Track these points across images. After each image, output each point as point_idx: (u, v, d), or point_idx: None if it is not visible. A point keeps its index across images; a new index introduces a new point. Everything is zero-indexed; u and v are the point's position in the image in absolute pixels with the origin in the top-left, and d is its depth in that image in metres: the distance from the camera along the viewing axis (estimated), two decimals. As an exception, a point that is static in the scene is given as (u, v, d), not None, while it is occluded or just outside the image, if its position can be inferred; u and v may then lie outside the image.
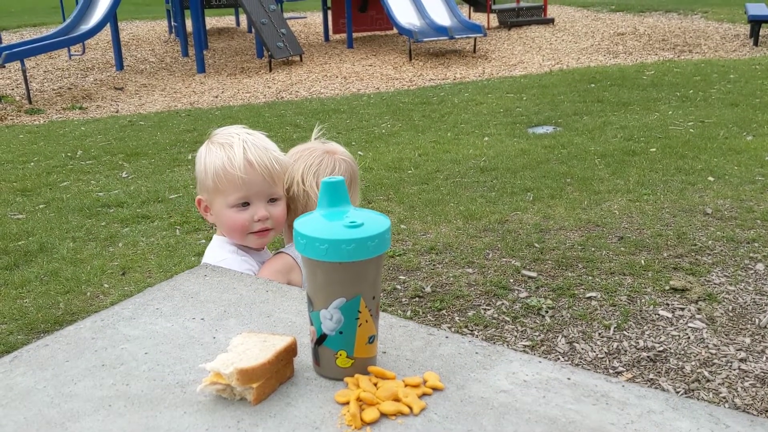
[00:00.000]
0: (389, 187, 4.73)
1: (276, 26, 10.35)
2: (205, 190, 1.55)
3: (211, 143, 1.56)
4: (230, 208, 1.52)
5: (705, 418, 0.81)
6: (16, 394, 0.89)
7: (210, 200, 1.56)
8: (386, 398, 0.84)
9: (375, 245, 0.86)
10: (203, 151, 1.56)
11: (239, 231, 1.54)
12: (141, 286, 3.43)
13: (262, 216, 1.52)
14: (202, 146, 1.59)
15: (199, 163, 1.56)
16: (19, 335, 3.02)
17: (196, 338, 1.01)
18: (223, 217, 1.55)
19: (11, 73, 10.22)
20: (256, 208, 1.52)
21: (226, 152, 1.50)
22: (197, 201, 1.61)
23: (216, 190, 1.52)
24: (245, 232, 1.54)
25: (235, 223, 1.53)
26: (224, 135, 1.56)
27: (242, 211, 1.52)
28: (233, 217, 1.53)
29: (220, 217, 1.56)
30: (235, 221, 1.53)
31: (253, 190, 1.51)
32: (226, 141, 1.53)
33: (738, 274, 3.31)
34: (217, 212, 1.55)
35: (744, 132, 5.64)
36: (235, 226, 1.54)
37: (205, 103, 8.32)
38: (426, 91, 8.23)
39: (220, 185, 1.51)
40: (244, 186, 1.50)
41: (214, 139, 1.57)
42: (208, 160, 1.53)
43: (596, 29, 12.45)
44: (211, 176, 1.51)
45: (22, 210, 4.64)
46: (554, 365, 0.92)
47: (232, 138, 1.53)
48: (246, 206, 1.52)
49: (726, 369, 2.60)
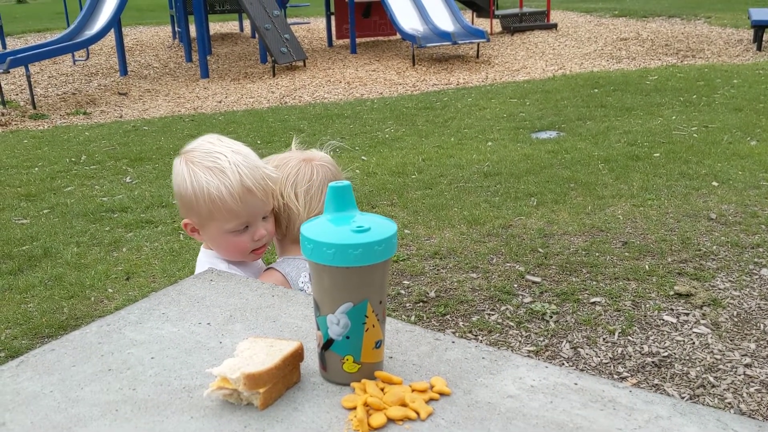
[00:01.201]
0: (393, 192, 4.73)
1: (279, 31, 10.37)
2: (195, 214, 1.47)
3: (193, 164, 1.45)
4: (229, 233, 1.47)
5: (713, 423, 0.80)
6: (22, 398, 0.89)
7: (201, 224, 1.49)
8: (393, 403, 0.84)
9: (382, 250, 0.86)
10: (185, 173, 1.45)
11: (240, 253, 1.51)
12: (145, 291, 3.43)
13: (261, 235, 1.49)
14: (178, 164, 1.48)
15: (182, 186, 1.45)
16: (24, 340, 3.02)
17: (203, 343, 1.01)
18: (220, 241, 1.50)
19: (16, 79, 10.26)
20: (255, 229, 1.49)
21: (219, 179, 1.41)
22: (184, 224, 1.52)
23: (210, 218, 1.45)
24: (246, 253, 1.51)
25: (237, 247, 1.50)
26: (207, 155, 1.45)
27: (241, 234, 1.48)
28: (233, 241, 1.48)
29: (216, 240, 1.51)
30: (236, 245, 1.49)
31: (251, 215, 1.47)
32: (215, 165, 1.43)
33: (743, 279, 3.30)
34: (212, 236, 1.50)
35: (748, 137, 5.63)
36: (237, 249, 1.50)
37: (208, 108, 8.34)
38: (429, 96, 8.24)
39: (216, 213, 1.44)
40: (245, 213, 1.45)
41: (194, 158, 1.46)
42: (196, 185, 1.43)
43: (599, 34, 12.45)
44: (204, 204, 1.43)
45: (26, 215, 4.65)
46: (561, 370, 0.92)
47: (219, 160, 1.43)
48: (245, 229, 1.48)
49: (731, 374, 2.59)
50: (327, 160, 1.63)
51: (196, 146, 1.50)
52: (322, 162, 1.60)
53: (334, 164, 1.64)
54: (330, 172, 1.60)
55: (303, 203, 1.55)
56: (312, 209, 1.56)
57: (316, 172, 1.57)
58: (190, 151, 1.49)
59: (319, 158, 1.61)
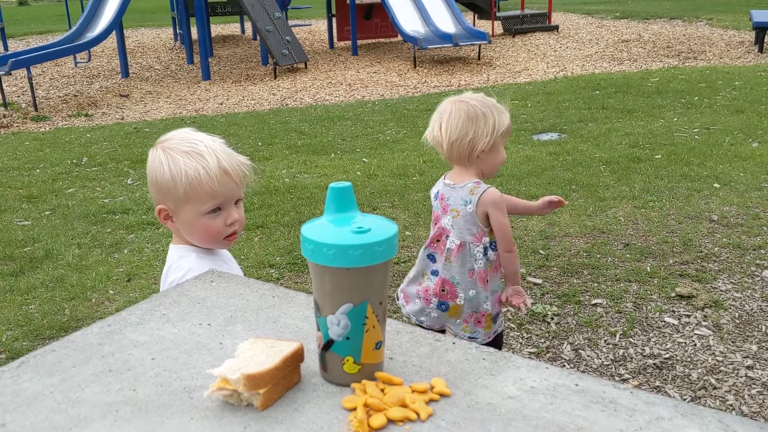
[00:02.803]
0: (394, 194, 4.73)
1: (281, 34, 10.38)
2: (171, 199, 1.53)
3: (171, 150, 1.51)
4: (203, 216, 1.53)
5: (714, 425, 0.80)
6: (23, 399, 0.89)
7: (176, 209, 1.54)
8: (393, 404, 0.84)
9: (382, 251, 0.86)
10: (162, 158, 1.51)
11: (214, 237, 1.56)
12: (146, 293, 3.43)
13: (234, 219, 1.55)
14: (154, 152, 1.54)
15: (160, 171, 1.51)
16: (25, 341, 3.02)
17: (203, 344, 1.01)
18: (195, 225, 1.55)
19: (17, 81, 10.27)
20: (228, 213, 1.54)
21: (197, 162, 1.48)
22: (158, 210, 1.57)
23: (187, 200, 1.51)
24: (219, 238, 1.56)
25: (211, 230, 1.54)
26: (184, 142, 1.52)
27: (215, 217, 1.53)
28: (207, 224, 1.53)
29: (191, 225, 1.55)
30: (211, 228, 1.54)
31: (227, 196, 1.53)
32: (192, 149, 1.50)
33: (744, 281, 3.30)
34: (188, 220, 1.54)
35: (749, 139, 5.63)
36: (211, 233, 1.55)
37: (210, 110, 8.35)
38: (430, 98, 8.24)
39: (193, 195, 1.50)
40: (221, 194, 1.51)
41: (171, 145, 1.52)
42: (174, 168, 1.49)
43: (600, 36, 12.46)
44: (182, 186, 1.49)
45: (27, 216, 4.66)
46: (562, 371, 0.92)
47: (197, 145, 1.51)
48: (217, 212, 1.53)
49: (733, 376, 2.58)
50: (474, 97, 2.20)
51: (172, 136, 1.56)
52: (465, 99, 2.19)
53: (482, 101, 2.19)
54: (469, 108, 2.16)
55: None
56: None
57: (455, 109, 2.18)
58: (166, 140, 1.55)
59: (467, 97, 2.19)
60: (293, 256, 3.77)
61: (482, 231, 2.17)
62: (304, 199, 4.71)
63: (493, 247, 2.20)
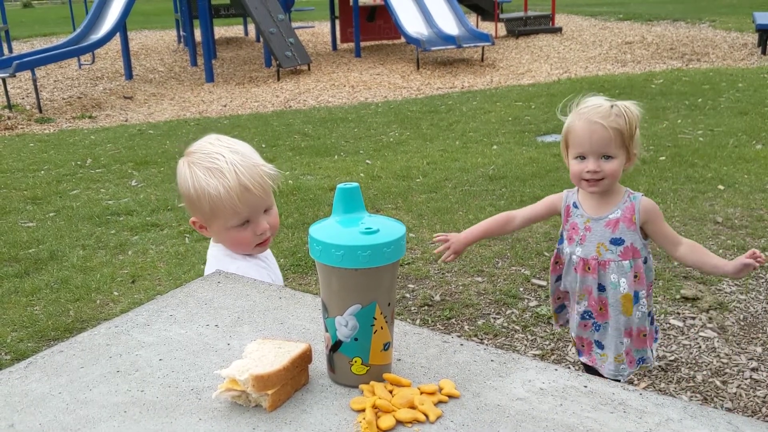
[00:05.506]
0: (398, 196, 4.73)
1: (284, 36, 10.39)
2: (200, 213, 1.54)
3: (194, 165, 1.50)
4: (232, 229, 1.53)
5: (723, 426, 0.80)
6: (31, 400, 0.89)
7: (206, 221, 1.56)
8: (402, 406, 0.84)
9: (390, 252, 0.86)
10: (187, 174, 1.51)
11: (245, 247, 1.57)
12: (151, 294, 3.44)
13: (264, 229, 1.55)
14: (181, 164, 1.53)
15: (185, 186, 1.52)
16: (30, 343, 3.02)
17: (211, 345, 1.01)
18: (224, 237, 1.56)
19: (22, 83, 10.29)
20: (257, 224, 1.54)
21: (218, 180, 1.47)
22: (192, 222, 1.59)
23: (213, 215, 1.52)
24: (251, 247, 1.57)
25: (241, 241, 1.55)
26: (207, 156, 1.51)
27: (244, 230, 1.54)
28: (236, 236, 1.54)
29: (221, 237, 1.57)
30: (241, 240, 1.55)
31: (251, 211, 1.52)
32: (213, 165, 1.48)
33: (749, 283, 3.29)
34: (218, 232, 1.56)
35: (753, 140, 5.62)
36: (241, 244, 1.56)
37: (213, 112, 8.36)
38: (434, 99, 8.24)
39: (217, 212, 1.50)
40: (243, 209, 1.50)
41: (195, 159, 1.51)
42: (198, 185, 1.49)
43: (604, 38, 12.45)
44: (206, 203, 1.49)
45: (32, 218, 4.66)
46: (570, 373, 0.92)
47: (218, 161, 1.48)
48: (246, 224, 1.53)
49: (738, 378, 2.58)
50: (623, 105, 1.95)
51: (198, 147, 1.55)
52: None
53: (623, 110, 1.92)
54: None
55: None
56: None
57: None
58: (192, 152, 1.54)
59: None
60: (297, 258, 3.77)
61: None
62: (307, 201, 4.71)
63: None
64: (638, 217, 1.91)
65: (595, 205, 1.97)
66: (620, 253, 1.91)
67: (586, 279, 1.97)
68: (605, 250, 1.92)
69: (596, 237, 1.93)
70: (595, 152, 1.87)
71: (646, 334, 1.98)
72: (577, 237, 1.97)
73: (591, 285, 1.96)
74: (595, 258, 1.93)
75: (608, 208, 1.94)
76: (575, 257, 1.97)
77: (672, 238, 1.97)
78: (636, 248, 1.92)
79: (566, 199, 2.04)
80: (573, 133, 1.91)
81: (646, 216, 1.92)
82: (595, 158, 1.87)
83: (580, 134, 1.88)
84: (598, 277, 1.94)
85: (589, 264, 1.94)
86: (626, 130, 1.88)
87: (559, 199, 2.08)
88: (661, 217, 1.96)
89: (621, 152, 1.89)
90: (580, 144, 1.88)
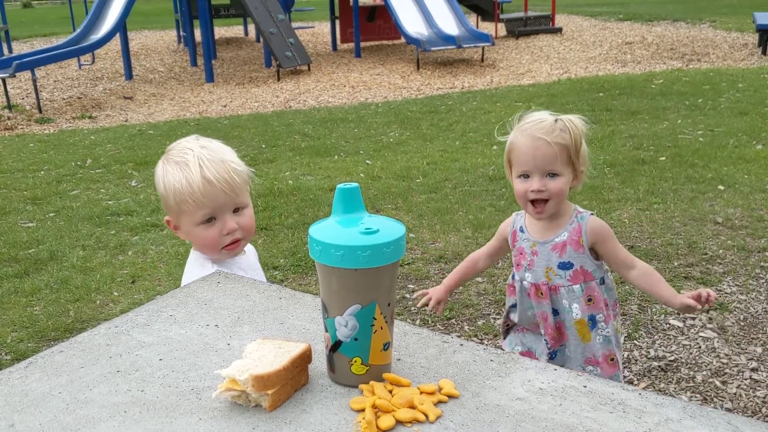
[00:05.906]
0: (398, 196, 4.73)
1: (284, 36, 10.39)
2: (170, 210, 1.55)
3: (167, 161, 1.53)
4: (198, 226, 1.52)
5: (723, 426, 0.80)
6: (31, 400, 0.89)
7: (176, 220, 1.56)
8: (402, 405, 0.84)
9: (390, 252, 0.86)
10: (160, 171, 1.53)
11: (211, 247, 1.55)
12: (150, 295, 3.44)
13: (231, 228, 1.52)
14: (158, 163, 1.55)
15: (158, 184, 1.54)
16: (29, 343, 3.03)
17: (211, 345, 1.01)
18: (192, 235, 1.55)
19: (22, 83, 10.30)
20: (223, 222, 1.52)
21: (182, 172, 1.48)
22: (166, 221, 1.60)
23: (180, 211, 1.52)
24: (217, 248, 1.55)
25: (207, 240, 1.54)
26: (179, 151, 1.53)
27: (210, 227, 1.52)
28: (202, 234, 1.53)
29: (190, 235, 1.56)
30: (206, 238, 1.53)
31: (216, 206, 1.50)
32: (181, 159, 1.50)
33: (749, 283, 3.29)
34: (187, 231, 1.55)
35: (754, 141, 5.62)
36: (207, 243, 1.54)
37: (213, 112, 8.36)
38: (434, 100, 8.24)
39: (183, 206, 1.50)
40: (207, 204, 1.49)
41: (169, 156, 1.53)
42: (166, 180, 1.50)
43: (604, 38, 12.45)
44: (172, 198, 1.50)
45: (32, 218, 4.66)
46: (570, 373, 0.92)
47: (186, 155, 1.50)
48: (212, 221, 1.52)
49: (738, 379, 2.58)
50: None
51: (174, 146, 1.56)
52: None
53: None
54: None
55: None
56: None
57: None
58: (169, 150, 1.56)
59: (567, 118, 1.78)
60: (297, 258, 3.77)
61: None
62: (307, 201, 4.71)
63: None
64: (586, 239, 1.80)
65: (541, 228, 1.86)
66: (569, 278, 1.81)
67: (541, 304, 1.87)
68: (554, 275, 1.82)
69: (543, 261, 1.83)
70: (540, 170, 1.75)
71: (614, 358, 1.87)
72: (525, 262, 1.86)
73: (546, 311, 1.86)
74: (545, 283, 1.83)
75: (554, 231, 1.83)
76: (526, 283, 1.88)
77: (624, 260, 1.84)
78: (587, 271, 1.81)
79: (514, 224, 1.94)
80: (516, 150, 1.79)
81: (594, 237, 1.81)
82: (540, 176, 1.75)
83: (523, 151, 1.76)
84: (551, 302, 1.85)
85: (540, 289, 1.84)
86: (572, 146, 1.75)
87: (507, 225, 1.97)
88: (612, 237, 1.83)
89: (567, 169, 1.77)
90: (524, 162, 1.76)
